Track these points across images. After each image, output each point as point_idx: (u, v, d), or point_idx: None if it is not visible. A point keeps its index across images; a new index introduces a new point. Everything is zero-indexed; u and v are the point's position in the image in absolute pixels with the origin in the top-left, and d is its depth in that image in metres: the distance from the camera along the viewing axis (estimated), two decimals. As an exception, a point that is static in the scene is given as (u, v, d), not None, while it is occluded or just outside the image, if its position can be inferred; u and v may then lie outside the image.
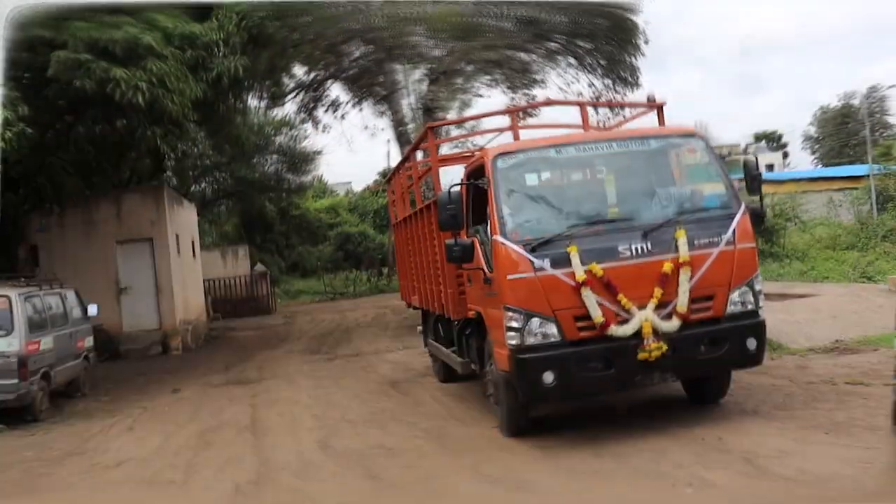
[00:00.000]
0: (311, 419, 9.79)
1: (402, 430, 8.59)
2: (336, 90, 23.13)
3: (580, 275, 6.69)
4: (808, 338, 11.10)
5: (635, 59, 20.74)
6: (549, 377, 6.67)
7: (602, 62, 20.86)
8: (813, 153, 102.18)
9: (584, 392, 7.06)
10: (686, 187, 7.55)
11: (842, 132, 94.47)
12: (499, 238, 6.84)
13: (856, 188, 49.42)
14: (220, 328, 25.33)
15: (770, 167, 75.56)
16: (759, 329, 7.21)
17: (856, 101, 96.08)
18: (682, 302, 6.88)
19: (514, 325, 6.73)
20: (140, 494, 7.44)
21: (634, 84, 21.04)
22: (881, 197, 45.99)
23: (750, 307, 7.21)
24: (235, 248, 33.76)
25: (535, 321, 6.71)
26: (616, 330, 6.73)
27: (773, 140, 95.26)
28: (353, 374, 13.45)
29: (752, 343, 7.13)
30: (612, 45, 20.06)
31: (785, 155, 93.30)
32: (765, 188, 7.67)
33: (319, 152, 36.98)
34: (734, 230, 7.15)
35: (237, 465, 7.83)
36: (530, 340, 6.72)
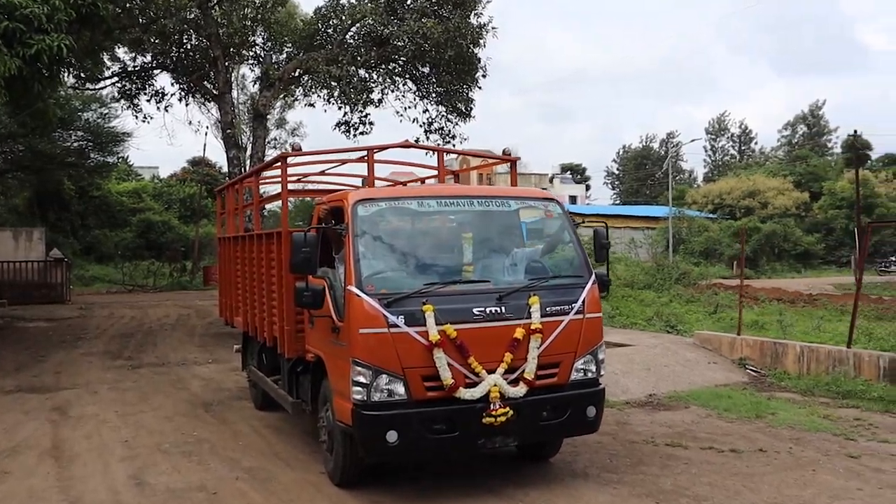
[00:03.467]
0: (122, 446, 9.09)
1: (223, 468, 8.16)
2: (164, 80, 21.89)
3: (434, 335, 6.60)
4: (624, 390, 11.64)
5: (472, 90, 21.15)
6: (392, 436, 6.53)
7: (439, 90, 21.08)
8: (613, 189, 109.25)
9: (426, 453, 6.96)
10: (540, 252, 7.66)
11: (640, 172, 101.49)
12: (353, 289, 6.63)
13: (653, 228, 53.25)
14: (7, 316, 23.19)
15: (573, 199, 79.85)
16: (599, 397, 7.44)
17: (655, 145, 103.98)
18: (530, 368, 6.96)
19: (362, 380, 6.54)
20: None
21: (467, 115, 21.44)
22: (675, 238, 49.71)
23: (591, 375, 7.42)
24: (31, 230, 31.02)
25: (384, 378, 6.56)
26: (464, 393, 6.70)
27: (577, 172, 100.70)
28: (163, 390, 12.68)
29: (591, 411, 7.34)
30: (452, 75, 20.31)
31: (587, 188, 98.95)
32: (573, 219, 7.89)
33: (129, 134, 34.86)
34: (584, 300, 7.34)
35: None
36: (376, 397, 6.55)
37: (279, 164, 8.35)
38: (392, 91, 20.71)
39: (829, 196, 59.14)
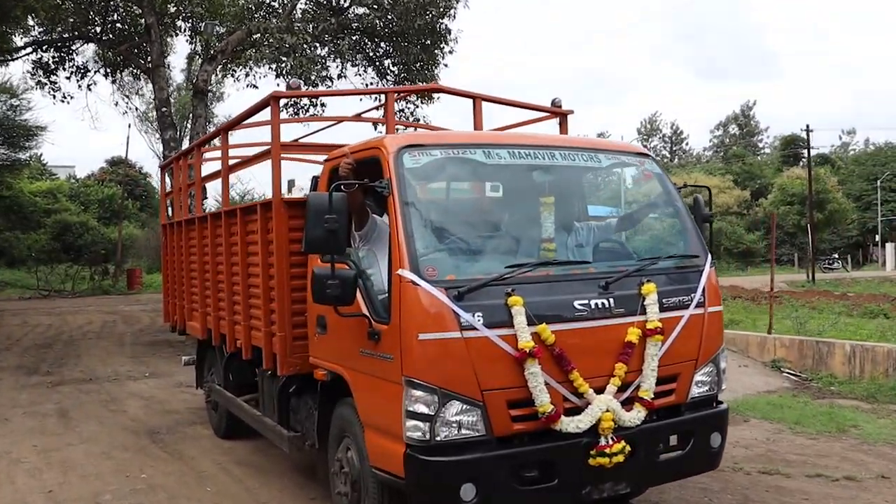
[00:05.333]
0: (44, 499, 6.67)
1: (192, 533, 5.83)
2: (88, 54, 19.14)
3: (526, 340, 4.47)
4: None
5: (436, 67, 19.01)
6: (469, 492, 4.37)
7: (397, 69, 18.90)
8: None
9: None
10: (644, 223, 5.60)
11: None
12: (408, 274, 4.43)
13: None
14: None
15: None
16: (724, 421, 5.44)
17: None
18: (649, 384, 4.92)
19: (422, 409, 4.36)
20: None
21: (429, 97, 19.30)
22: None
23: (712, 390, 5.42)
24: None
25: (455, 406, 4.40)
26: (567, 423, 4.59)
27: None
28: (94, 414, 10.16)
29: (716, 439, 5.34)
30: (417, 47, 18.15)
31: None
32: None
33: (43, 128, 31.61)
34: (704, 288, 5.33)
35: None
36: (445, 434, 4.39)
37: (269, 106, 6.03)
38: (353, 65, 18.39)
39: (780, 192, 58.69)
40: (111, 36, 18.57)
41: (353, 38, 18.36)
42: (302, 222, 5.80)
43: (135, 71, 19.90)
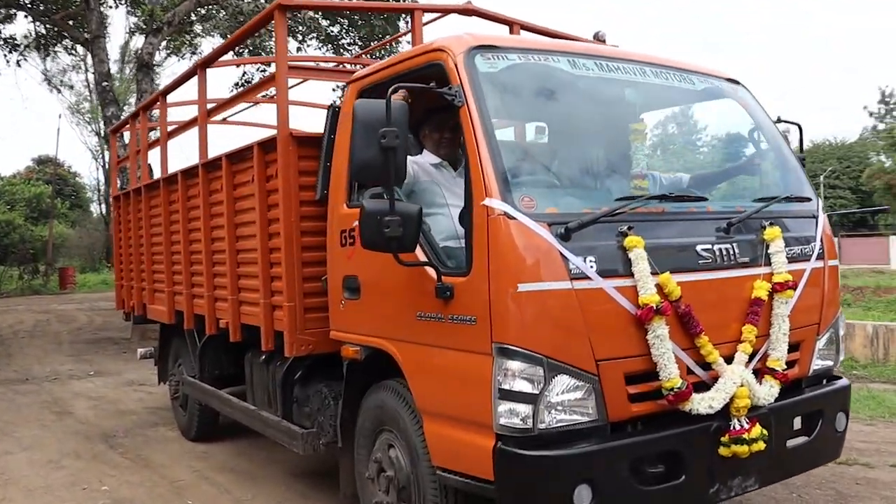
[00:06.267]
0: (-20, 523, 5.34)
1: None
2: (18, 26, 17.41)
3: (650, 294, 3.37)
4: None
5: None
6: (584, 497, 3.24)
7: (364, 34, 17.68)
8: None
9: None
10: (746, 159, 4.55)
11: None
12: (499, 205, 3.28)
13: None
14: None
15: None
16: (849, 399, 4.43)
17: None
18: (780, 351, 3.89)
19: (524, 387, 3.21)
20: None
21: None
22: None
23: (832, 363, 4.41)
24: None
25: (564, 381, 3.26)
26: (699, 403, 3.50)
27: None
28: (36, 417, 8.73)
29: (841, 422, 4.35)
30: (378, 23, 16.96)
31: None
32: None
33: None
34: (822, 238, 4.32)
35: None
36: (550, 419, 3.24)
37: (274, 16, 4.76)
38: (315, 38, 17.05)
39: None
40: (44, 6, 16.90)
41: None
42: (315, 164, 4.65)
43: (71, 45, 18.20)
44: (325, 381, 4.87)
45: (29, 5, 16.75)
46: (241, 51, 16.73)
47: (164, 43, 17.44)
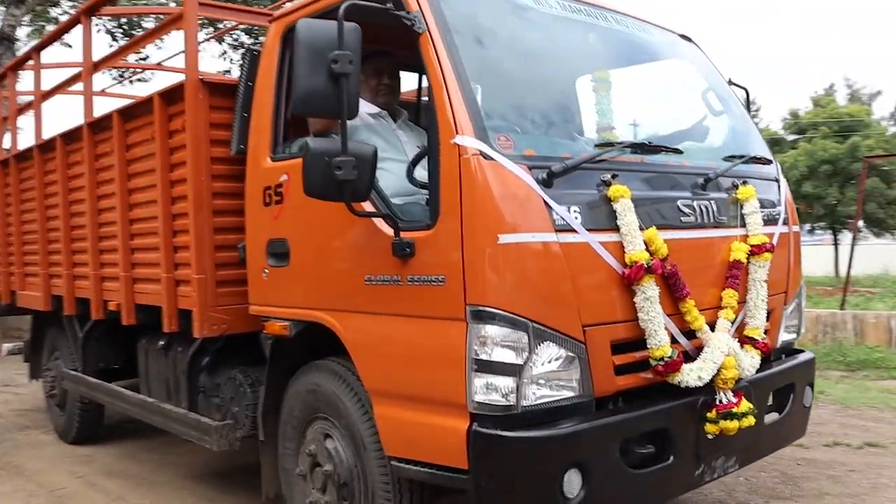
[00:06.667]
0: None
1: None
2: None
3: (639, 250, 2.97)
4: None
5: None
6: (574, 483, 2.80)
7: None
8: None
9: None
10: (704, 119, 4.22)
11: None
12: (473, 143, 2.78)
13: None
14: None
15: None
16: (814, 372, 4.18)
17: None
18: (759, 318, 3.58)
19: (507, 356, 2.73)
20: None
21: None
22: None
23: (796, 334, 4.15)
24: None
25: (550, 350, 2.80)
26: (688, 374, 3.12)
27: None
28: None
29: (809, 396, 4.09)
30: None
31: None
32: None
33: None
34: (785, 202, 4.07)
35: None
36: (535, 395, 2.78)
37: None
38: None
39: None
40: None
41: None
42: (229, 116, 4.04)
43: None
44: (239, 366, 4.25)
45: None
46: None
47: (27, 17, 15.98)
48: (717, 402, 3.24)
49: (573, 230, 2.85)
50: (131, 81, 15.08)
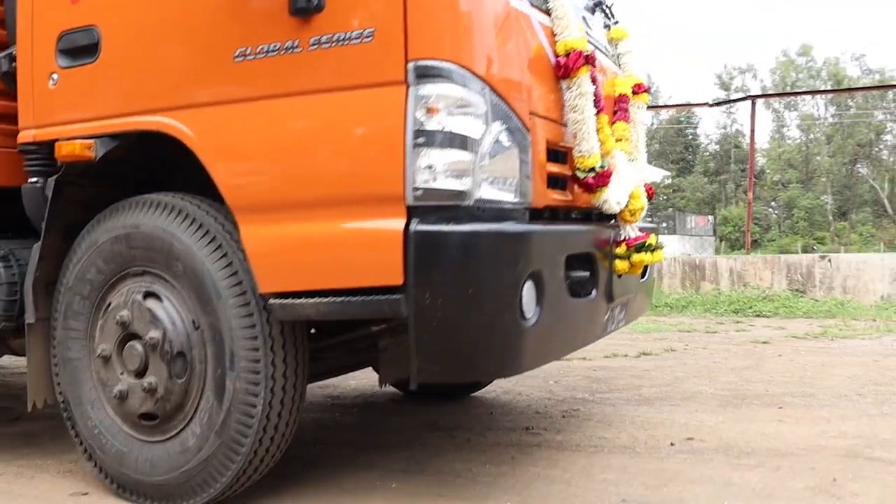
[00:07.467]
0: None
1: None
2: None
3: (577, 38, 2.57)
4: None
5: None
6: (530, 300, 2.26)
7: None
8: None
9: (561, 347, 2.69)
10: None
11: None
12: None
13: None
14: None
15: None
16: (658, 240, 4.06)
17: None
18: (642, 161, 3.34)
19: (462, 126, 2.15)
20: None
21: None
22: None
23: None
24: None
25: (499, 133, 2.24)
26: (610, 196, 2.74)
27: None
28: None
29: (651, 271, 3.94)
30: None
31: None
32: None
33: None
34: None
35: None
36: (485, 188, 2.20)
37: None
38: None
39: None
40: None
41: None
42: None
43: None
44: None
45: None
46: None
47: None
48: (626, 237, 2.90)
49: (519, -6, 2.33)
50: None
